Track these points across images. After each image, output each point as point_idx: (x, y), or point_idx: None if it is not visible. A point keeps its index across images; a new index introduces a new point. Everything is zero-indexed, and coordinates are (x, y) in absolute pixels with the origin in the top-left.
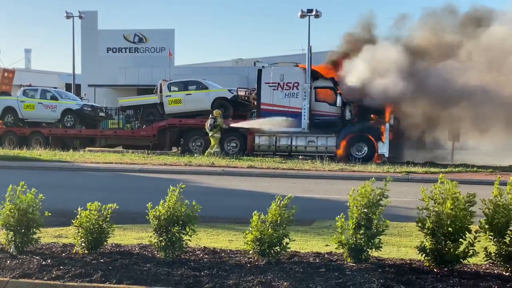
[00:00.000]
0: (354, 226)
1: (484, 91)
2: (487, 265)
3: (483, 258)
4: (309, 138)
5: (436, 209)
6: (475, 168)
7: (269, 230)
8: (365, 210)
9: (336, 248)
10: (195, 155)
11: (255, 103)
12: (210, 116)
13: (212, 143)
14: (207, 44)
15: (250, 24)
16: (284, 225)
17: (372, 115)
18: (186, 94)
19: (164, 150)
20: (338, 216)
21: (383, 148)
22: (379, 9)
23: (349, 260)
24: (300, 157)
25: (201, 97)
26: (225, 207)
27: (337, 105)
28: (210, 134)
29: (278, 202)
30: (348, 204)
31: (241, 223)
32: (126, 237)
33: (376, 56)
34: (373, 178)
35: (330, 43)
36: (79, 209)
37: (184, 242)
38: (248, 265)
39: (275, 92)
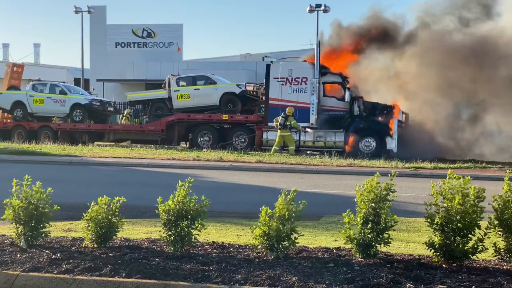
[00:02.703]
0: (362, 221)
1: None
2: (496, 261)
3: (492, 254)
4: (318, 133)
5: (445, 204)
6: (483, 164)
7: (277, 225)
8: (373, 205)
9: (345, 243)
10: (203, 150)
11: (263, 98)
12: (282, 114)
13: (277, 140)
14: (215, 39)
15: (258, 19)
16: (292, 220)
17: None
18: (195, 89)
19: (172, 145)
20: (345, 213)
21: (392, 144)
22: (384, 5)
23: (357, 255)
24: (308, 152)
25: (210, 92)
26: (233, 202)
27: (346, 100)
28: (278, 133)
29: (284, 197)
30: (356, 199)
31: (250, 218)
32: (135, 231)
33: None
34: (378, 173)
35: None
36: (92, 203)
37: (193, 237)
38: (257, 260)
39: (284, 87)
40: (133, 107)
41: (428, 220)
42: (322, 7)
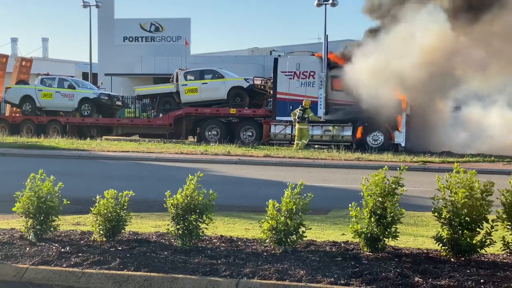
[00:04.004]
0: (369, 215)
1: None
2: (505, 255)
3: (500, 248)
4: (325, 127)
5: (452, 198)
6: (492, 158)
7: (284, 219)
8: (380, 199)
9: (353, 237)
10: (211, 144)
11: (271, 92)
12: (300, 107)
13: (297, 134)
14: (223, 33)
15: (266, 13)
16: (300, 214)
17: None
18: (202, 83)
19: (180, 139)
20: (350, 206)
21: (400, 138)
22: None
23: (365, 249)
24: (316, 146)
25: (217, 86)
26: (241, 196)
27: (354, 94)
28: (296, 126)
29: (291, 190)
30: (362, 193)
31: (257, 211)
32: (143, 225)
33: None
34: (386, 167)
35: (347, 32)
36: (97, 197)
37: (201, 231)
38: (265, 254)
39: (291, 81)
40: (141, 101)
41: (436, 214)
42: (330, 1)
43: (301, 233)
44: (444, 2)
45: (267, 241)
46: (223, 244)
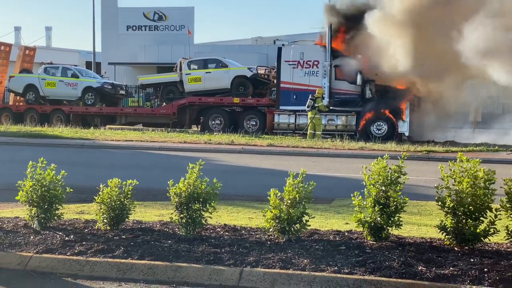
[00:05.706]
0: (372, 204)
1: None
2: (508, 244)
3: (504, 237)
4: (329, 117)
5: (456, 187)
6: (496, 147)
7: (288, 208)
8: (383, 188)
9: (356, 226)
10: (215, 133)
11: (275, 81)
12: (310, 96)
13: (310, 124)
14: (226, 22)
15: (269, 2)
16: (303, 203)
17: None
18: (206, 72)
19: (183, 128)
20: (353, 195)
21: (404, 127)
22: None
23: (369, 238)
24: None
25: (221, 75)
26: (245, 185)
27: (357, 84)
28: (308, 115)
29: (293, 179)
30: (365, 183)
31: (261, 201)
32: (147, 214)
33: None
34: (387, 155)
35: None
36: (101, 186)
37: (205, 219)
38: (268, 243)
39: (295, 71)
40: (145, 90)
41: (440, 203)
42: None
43: (304, 222)
44: None
45: (270, 230)
46: (226, 233)
